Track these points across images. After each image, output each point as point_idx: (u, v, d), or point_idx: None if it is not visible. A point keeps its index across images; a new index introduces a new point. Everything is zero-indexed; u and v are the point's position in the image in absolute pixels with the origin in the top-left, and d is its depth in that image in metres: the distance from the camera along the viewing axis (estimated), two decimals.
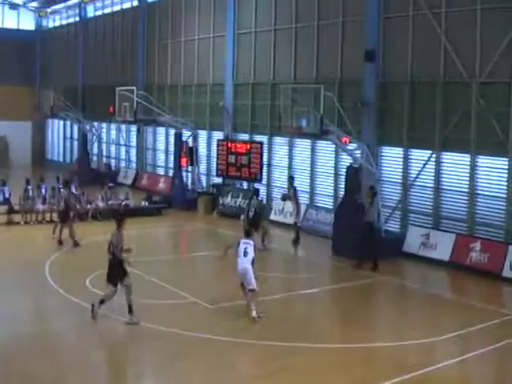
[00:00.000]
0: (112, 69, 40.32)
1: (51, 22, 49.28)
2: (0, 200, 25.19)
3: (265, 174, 27.12)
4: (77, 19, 44.93)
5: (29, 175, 28.08)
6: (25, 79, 48.51)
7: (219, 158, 28.31)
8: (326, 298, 17.07)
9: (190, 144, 30.28)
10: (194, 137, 30.33)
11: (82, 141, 39.93)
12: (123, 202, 26.76)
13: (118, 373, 11.81)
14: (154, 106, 31.44)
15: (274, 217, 25.53)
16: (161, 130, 35.72)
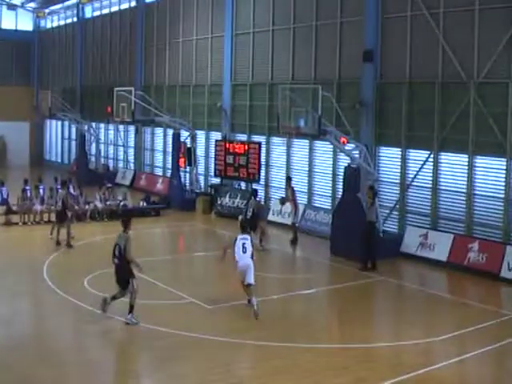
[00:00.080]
0: (110, 69, 40.33)
1: (49, 23, 49.24)
2: None
3: (263, 174, 27.14)
4: (75, 20, 44.93)
5: (27, 176, 28.09)
6: (23, 80, 48.58)
7: (217, 158, 28.33)
8: (324, 299, 17.07)
9: (188, 144, 30.28)
10: (192, 137, 30.31)
11: (80, 141, 39.89)
12: (121, 203, 26.77)
13: (117, 373, 11.79)
14: (152, 106, 31.41)
15: (272, 217, 25.51)
16: (159, 131, 35.70)
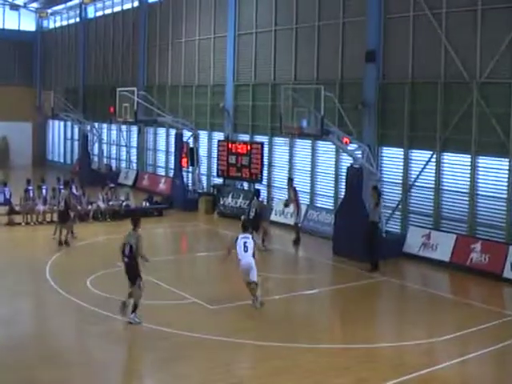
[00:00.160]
0: (113, 69, 40.36)
1: (52, 23, 49.28)
2: (1, 201, 25.21)
3: (265, 174, 27.14)
4: (77, 20, 44.97)
5: (29, 176, 28.09)
6: (25, 80, 48.62)
7: (220, 158, 28.34)
8: (327, 299, 17.07)
9: (191, 145, 30.28)
10: (195, 137, 30.32)
11: (82, 141, 39.93)
12: (124, 203, 26.79)
13: (120, 373, 11.80)
14: (155, 106, 31.42)
15: (274, 217, 25.50)
16: (161, 131, 35.72)
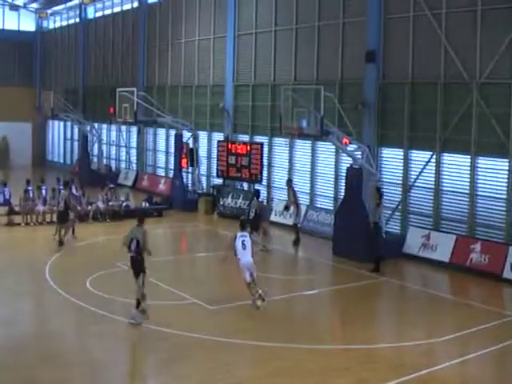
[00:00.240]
0: (112, 70, 40.36)
1: (52, 24, 49.29)
2: (0, 201, 25.21)
3: (265, 175, 27.13)
4: (77, 20, 44.96)
5: (29, 176, 28.09)
6: (25, 80, 48.63)
7: (219, 159, 28.34)
8: (327, 299, 17.07)
9: (191, 145, 30.27)
10: (195, 138, 30.31)
11: (82, 142, 39.94)
12: (124, 203, 26.78)
13: (120, 374, 11.78)
14: (155, 107, 31.41)
15: (274, 218, 25.50)
16: (161, 131, 35.72)
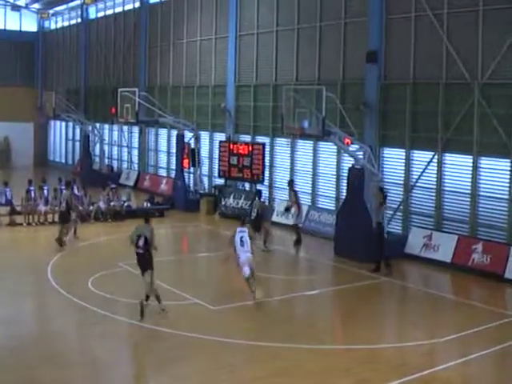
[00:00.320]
0: (114, 70, 40.37)
1: (53, 24, 49.31)
2: (2, 201, 25.23)
3: (267, 175, 27.12)
4: (79, 21, 44.98)
5: (31, 176, 28.13)
6: (27, 80, 48.66)
7: (221, 159, 28.34)
8: (328, 300, 17.06)
9: (192, 145, 30.28)
10: (196, 138, 30.31)
11: (84, 142, 39.99)
12: (125, 204, 26.80)
13: (121, 374, 11.78)
14: (156, 107, 31.43)
15: (275, 218, 25.49)
16: (163, 132, 35.71)
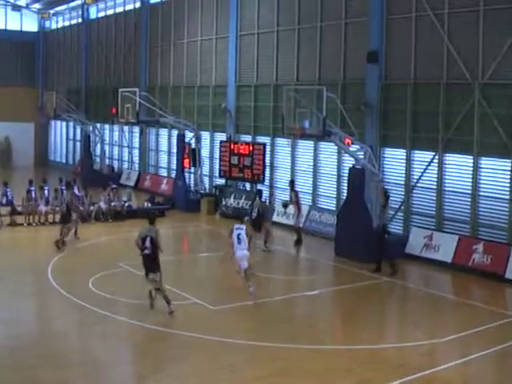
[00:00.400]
0: (115, 70, 40.38)
1: (54, 24, 49.34)
2: (3, 201, 25.23)
3: (267, 175, 27.12)
4: (79, 21, 45.01)
5: (31, 176, 28.12)
6: (28, 80, 48.68)
7: (222, 159, 28.35)
8: (329, 300, 17.06)
9: (193, 145, 30.29)
10: (197, 138, 30.32)
11: (84, 142, 40.00)
12: (126, 204, 26.81)
13: (121, 373, 11.78)
14: (157, 107, 31.43)
15: (276, 218, 25.48)
16: (163, 132, 35.73)
